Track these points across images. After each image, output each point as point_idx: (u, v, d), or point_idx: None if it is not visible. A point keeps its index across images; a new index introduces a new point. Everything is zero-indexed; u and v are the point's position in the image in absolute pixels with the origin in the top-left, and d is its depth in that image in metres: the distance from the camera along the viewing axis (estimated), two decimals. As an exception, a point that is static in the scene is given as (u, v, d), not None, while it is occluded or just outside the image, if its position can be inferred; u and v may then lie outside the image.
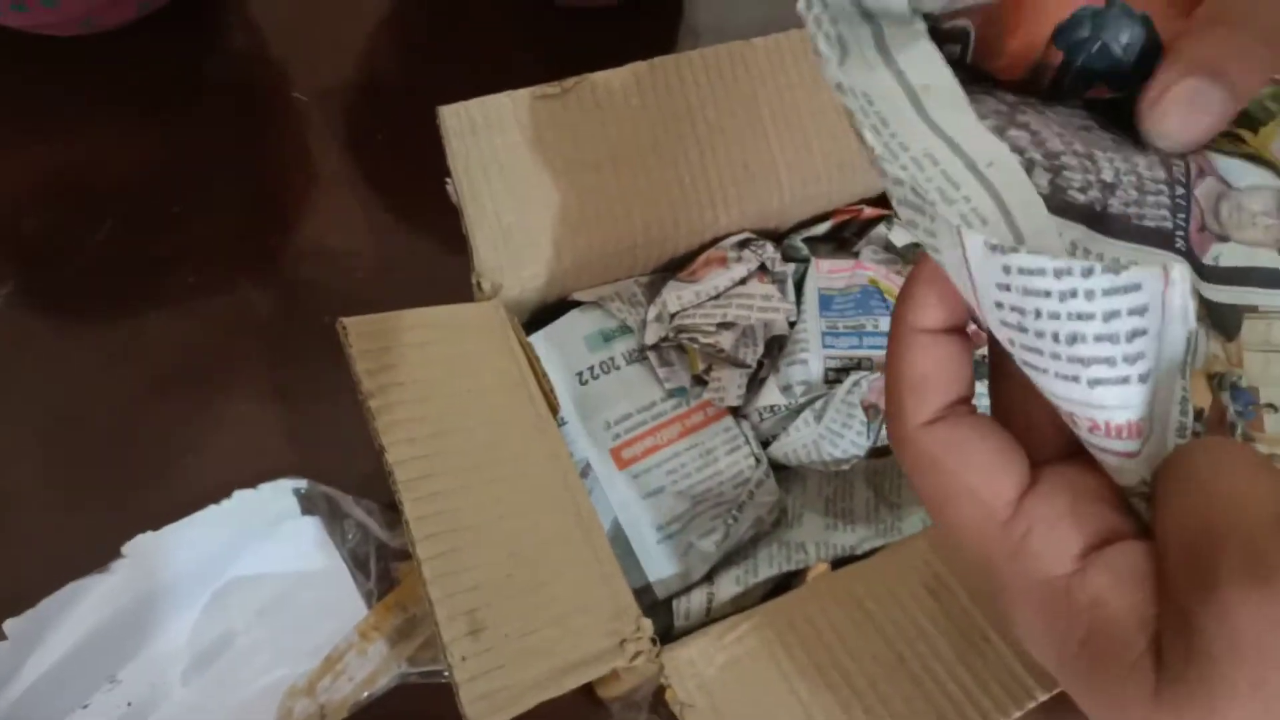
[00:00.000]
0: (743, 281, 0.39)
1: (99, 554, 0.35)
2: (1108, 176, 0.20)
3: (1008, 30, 0.22)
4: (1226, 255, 0.21)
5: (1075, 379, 0.17)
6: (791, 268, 0.40)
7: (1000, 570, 0.18)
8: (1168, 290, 0.16)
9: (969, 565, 0.18)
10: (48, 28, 0.44)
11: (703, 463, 0.38)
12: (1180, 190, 0.21)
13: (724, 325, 0.38)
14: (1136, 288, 0.16)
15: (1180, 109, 0.19)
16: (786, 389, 0.38)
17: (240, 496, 0.38)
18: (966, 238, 0.17)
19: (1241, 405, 0.19)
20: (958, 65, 0.21)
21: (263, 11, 0.49)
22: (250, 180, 0.45)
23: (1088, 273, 0.16)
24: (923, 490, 0.19)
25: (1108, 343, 0.16)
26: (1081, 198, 0.20)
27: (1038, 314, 0.17)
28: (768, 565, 0.38)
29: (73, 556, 0.35)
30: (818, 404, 0.38)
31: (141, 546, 0.36)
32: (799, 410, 0.38)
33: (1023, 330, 0.17)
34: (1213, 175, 0.21)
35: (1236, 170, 0.21)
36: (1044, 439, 0.19)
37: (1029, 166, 0.20)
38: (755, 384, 0.39)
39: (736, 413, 0.39)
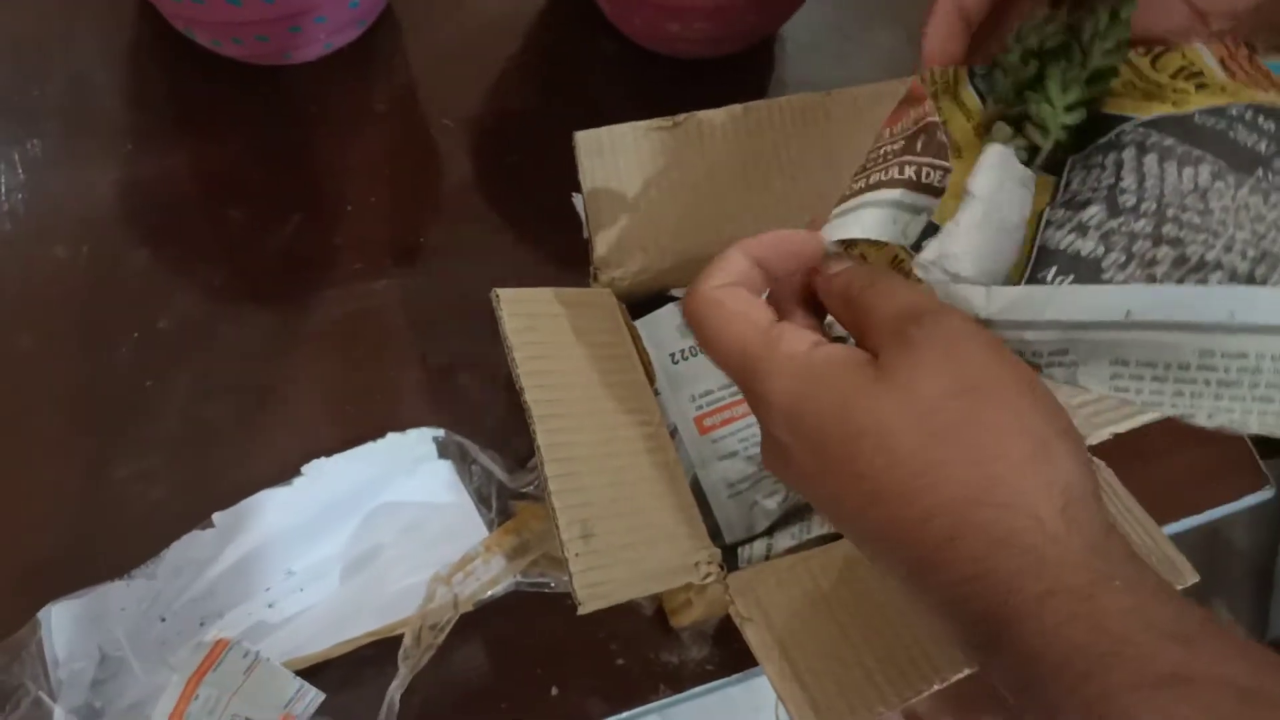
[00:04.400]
0: (811, 289, 0.47)
1: (282, 472, 0.44)
2: None
3: None
4: None
5: None
6: (853, 281, 0.48)
7: (759, 358, 0.28)
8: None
9: (735, 367, 0.29)
10: (256, 58, 0.54)
11: (769, 435, 0.46)
12: None
13: (793, 323, 0.46)
14: None
15: None
16: (843, 380, 0.46)
17: (391, 438, 0.46)
18: None
19: None
20: None
21: (419, 54, 0.59)
22: (407, 188, 0.54)
23: None
24: (707, 325, 0.29)
25: None
26: None
27: None
28: (820, 526, 0.45)
29: (263, 473, 0.44)
30: (869, 394, 0.46)
31: (315, 468, 0.44)
32: (853, 398, 0.46)
33: None
34: None
35: None
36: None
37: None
38: (817, 375, 0.47)
39: (800, 397, 0.47)
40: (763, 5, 0.54)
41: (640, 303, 0.47)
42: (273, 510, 0.43)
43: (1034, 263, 0.30)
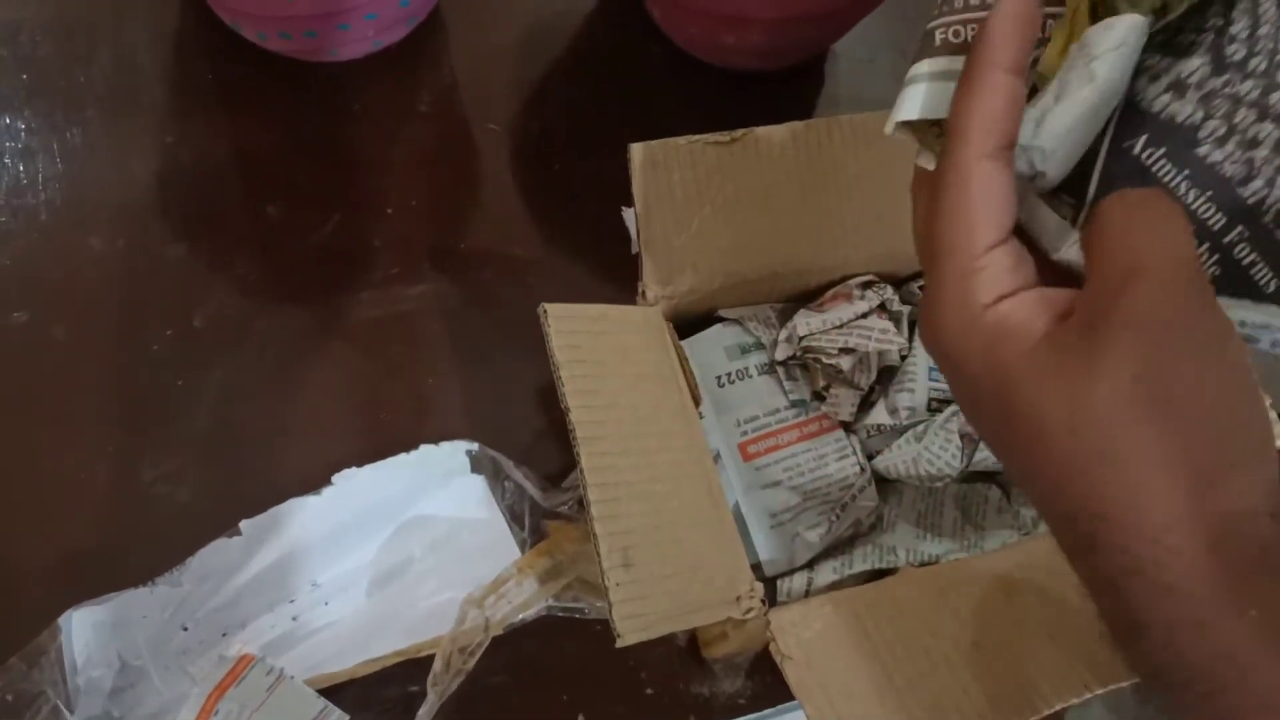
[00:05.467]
0: (864, 316, 0.45)
1: (312, 478, 0.43)
2: None
3: None
4: None
5: None
6: (908, 309, 0.46)
7: (945, 287, 0.25)
8: None
9: (926, 264, 0.26)
10: (302, 54, 0.53)
11: (815, 465, 0.44)
12: None
13: (844, 351, 0.44)
14: None
15: None
16: (893, 412, 0.44)
17: (424, 450, 0.45)
18: None
19: None
20: None
21: (466, 56, 0.58)
22: (449, 192, 0.53)
23: None
24: (944, 203, 0.25)
25: None
26: None
27: None
28: (862, 561, 0.44)
29: (293, 481, 0.43)
30: (919, 427, 0.44)
31: (346, 478, 0.43)
32: (902, 431, 0.44)
33: None
34: None
35: None
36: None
37: None
38: (866, 404, 0.45)
39: (848, 427, 0.45)
40: (821, 19, 0.52)
41: (687, 322, 0.45)
42: (301, 519, 0.42)
43: (1117, 126, 0.25)
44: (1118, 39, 0.24)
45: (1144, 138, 0.25)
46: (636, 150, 0.41)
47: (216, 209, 0.51)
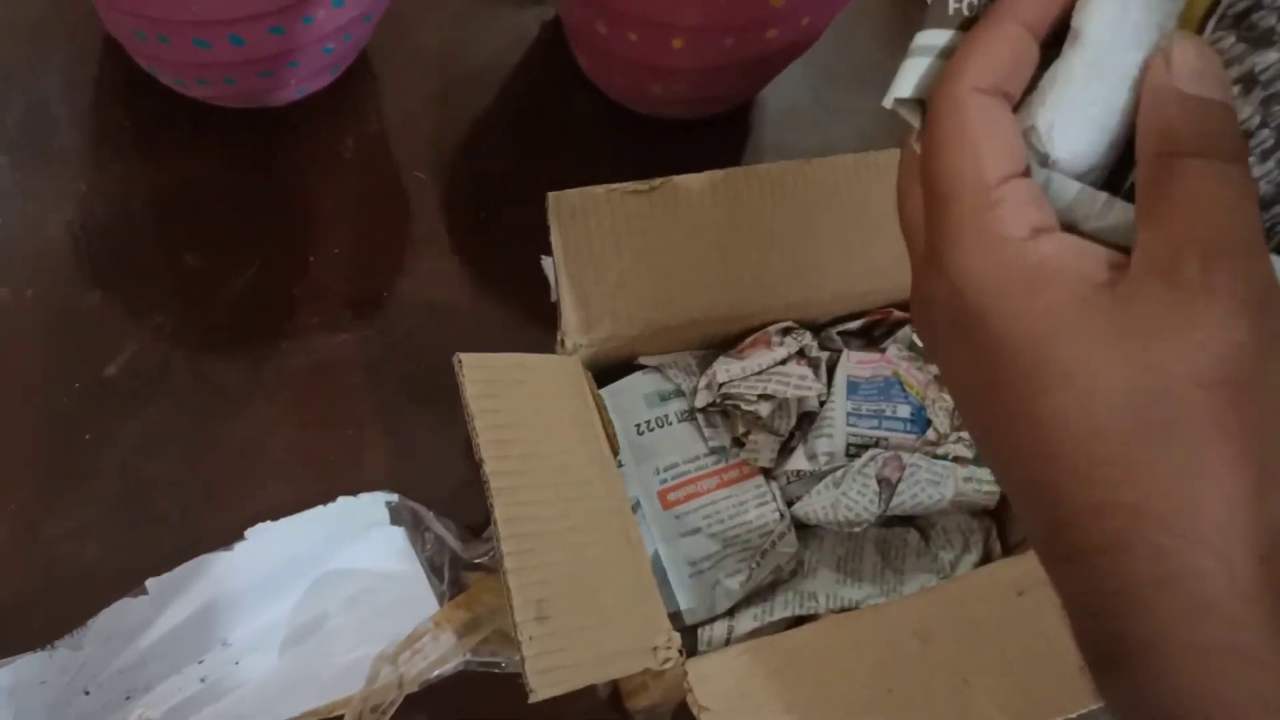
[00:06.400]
0: (783, 362, 0.45)
1: (227, 536, 0.42)
2: None
3: None
4: None
5: None
6: (826, 355, 0.47)
7: (959, 221, 0.22)
8: None
9: (928, 205, 0.23)
10: (223, 100, 0.53)
11: (735, 512, 0.44)
12: None
13: (764, 397, 0.44)
14: None
15: None
16: (812, 457, 0.45)
17: (342, 502, 0.44)
18: None
19: None
20: None
21: (393, 103, 0.58)
22: (372, 240, 0.53)
23: None
24: (940, 137, 0.22)
25: None
26: None
27: None
28: (783, 608, 0.44)
29: (206, 536, 0.42)
30: (838, 473, 0.44)
31: (260, 532, 0.42)
32: (821, 476, 0.45)
33: None
34: None
35: None
36: None
37: None
38: (786, 450, 0.46)
39: (768, 473, 0.46)
40: (743, 69, 0.53)
41: (607, 370, 0.45)
42: (212, 577, 0.41)
43: None
44: None
45: None
46: (554, 199, 0.41)
47: (132, 257, 0.50)
